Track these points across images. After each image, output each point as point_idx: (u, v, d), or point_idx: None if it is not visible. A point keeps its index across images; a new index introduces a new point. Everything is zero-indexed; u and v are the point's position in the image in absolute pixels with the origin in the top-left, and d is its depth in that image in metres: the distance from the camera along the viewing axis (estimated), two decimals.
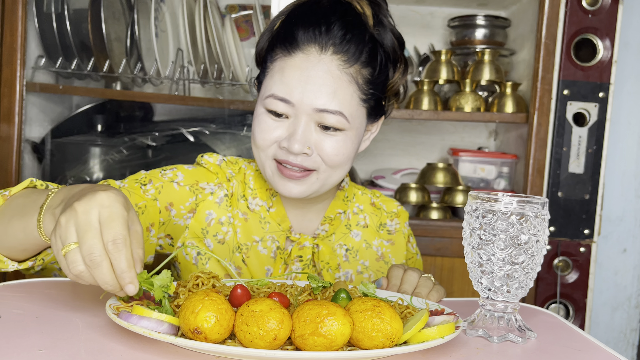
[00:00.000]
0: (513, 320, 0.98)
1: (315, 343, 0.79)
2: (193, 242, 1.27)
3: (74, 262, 0.83)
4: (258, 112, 1.22)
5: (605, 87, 2.07)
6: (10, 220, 1.02)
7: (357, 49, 1.19)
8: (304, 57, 1.18)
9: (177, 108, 2.48)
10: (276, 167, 1.21)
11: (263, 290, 0.98)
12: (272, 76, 1.20)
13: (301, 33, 1.18)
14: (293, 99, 1.17)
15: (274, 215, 1.30)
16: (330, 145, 1.19)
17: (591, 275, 2.13)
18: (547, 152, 2.10)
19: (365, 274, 1.35)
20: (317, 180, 1.22)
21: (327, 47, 1.17)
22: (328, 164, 1.20)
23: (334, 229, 1.34)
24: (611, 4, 2.04)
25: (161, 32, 2.26)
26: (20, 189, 1.07)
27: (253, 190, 1.31)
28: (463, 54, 2.44)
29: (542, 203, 0.96)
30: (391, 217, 1.42)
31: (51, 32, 2.19)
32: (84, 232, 0.83)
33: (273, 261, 1.28)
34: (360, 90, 1.20)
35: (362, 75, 1.20)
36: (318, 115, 1.17)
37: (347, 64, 1.18)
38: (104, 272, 0.82)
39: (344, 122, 1.18)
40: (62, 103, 2.44)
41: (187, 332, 0.81)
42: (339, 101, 1.17)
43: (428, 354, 0.87)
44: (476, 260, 0.97)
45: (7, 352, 0.78)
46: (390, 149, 2.63)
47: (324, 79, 1.17)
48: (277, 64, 1.20)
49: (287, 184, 1.21)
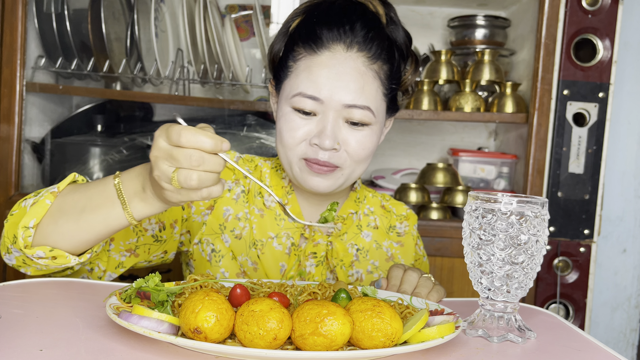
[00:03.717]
0: (513, 320, 0.98)
1: (315, 343, 0.80)
2: (209, 238, 1.30)
3: (185, 178, 0.89)
4: (284, 111, 1.24)
5: (605, 87, 2.07)
6: (81, 214, 1.04)
7: (379, 46, 1.23)
8: (330, 55, 1.21)
9: (177, 108, 2.48)
10: (305, 164, 1.23)
11: (263, 290, 0.98)
12: (298, 75, 1.22)
13: (325, 32, 1.21)
14: (322, 96, 1.19)
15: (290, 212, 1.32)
16: (356, 140, 1.22)
17: (591, 275, 2.13)
18: (547, 152, 2.10)
19: (375, 274, 1.37)
20: (342, 176, 1.25)
21: (352, 45, 1.21)
22: (354, 158, 1.24)
23: (346, 228, 1.36)
24: (611, 4, 2.04)
25: (161, 32, 2.26)
26: (66, 184, 1.09)
27: (269, 187, 1.33)
28: (463, 54, 2.44)
29: (541, 203, 0.96)
30: (400, 219, 1.44)
31: (51, 32, 2.19)
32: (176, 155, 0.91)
33: (287, 257, 1.30)
34: (382, 86, 1.24)
35: (384, 71, 1.25)
36: (346, 111, 1.20)
37: (371, 60, 1.22)
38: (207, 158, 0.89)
39: (371, 117, 1.22)
40: (62, 103, 2.44)
41: (187, 332, 0.81)
42: (366, 96, 1.21)
43: (428, 353, 0.87)
44: (476, 260, 0.97)
45: (7, 352, 0.78)
46: (390, 149, 2.63)
47: (351, 75, 1.20)
48: (301, 62, 1.23)
49: (314, 178, 1.23)
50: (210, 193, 0.93)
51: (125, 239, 1.20)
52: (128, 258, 1.21)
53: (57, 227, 1.05)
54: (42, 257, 1.05)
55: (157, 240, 1.25)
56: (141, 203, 1.01)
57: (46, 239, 1.05)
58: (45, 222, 1.05)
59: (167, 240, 1.26)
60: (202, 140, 0.90)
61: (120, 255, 1.20)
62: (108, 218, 1.03)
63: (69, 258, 1.06)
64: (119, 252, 1.20)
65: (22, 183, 2.18)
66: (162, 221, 1.25)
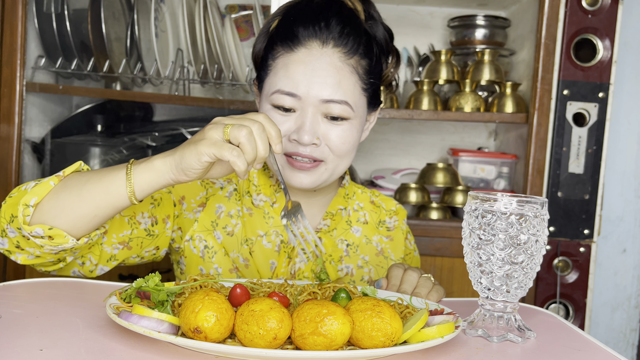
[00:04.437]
0: (512, 320, 0.98)
1: (315, 342, 0.80)
2: (201, 235, 1.31)
3: (238, 127, 0.97)
4: (264, 109, 1.27)
5: (605, 87, 2.07)
6: (84, 185, 1.05)
7: (355, 41, 1.25)
8: (306, 51, 1.23)
9: (177, 108, 2.48)
10: (286, 161, 1.25)
11: (263, 290, 0.98)
12: (276, 73, 1.25)
13: (301, 29, 1.24)
14: (299, 92, 1.21)
15: (278, 210, 1.34)
16: (336, 135, 1.24)
17: (591, 275, 2.13)
18: (547, 152, 2.10)
19: (366, 269, 1.38)
20: (325, 171, 1.27)
21: (327, 41, 1.23)
22: (335, 153, 1.25)
23: (335, 224, 1.37)
24: (611, 4, 2.04)
25: (161, 32, 2.26)
26: (72, 169, 1.11)
27: (257, 187, 1.35)
28: (463, 54, 2.44)
29: (541, 203, 0.96)
30: (390, 214, 1.46)
31: (51, 32, 2.19)
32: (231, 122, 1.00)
33: (277, 255, 1.31)
34: (361, 80, 1.26)
35: (362, 66, 1.26)
36: (324, 106, 1.22)
37: (348, 55, 1.24)
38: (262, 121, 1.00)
39: (349, 111, 1.23)
40: (62, 103, 2.44)
41: (187, 332, 0.81)
42: (343, 91, 1.22)
43: (428, 353, 0.87)
44: (475, 260, 0.97)
45: (7, 352, 0.78)
46: (390, 149, 2.63)
47: (327, 71, 1.22)
48: (279, 60, 1.25)
49: (298, 174, 1.25)
50: (239, 156, 0.97)
51: (118, 232, 1.20)
52: (121, 251, 1.22)
53: (58, 200, 1.05)
54: (39, 237, 1.04)
55: (150, 234, 1.25)
56: (146, 171, 1.03)
57: (46, 215, 1.05)
58: (47, 199, 1.05)
59: (160, 235, 1.27)
60: (272, 127, 1.01)
61: (112, 248, 1.21)
62: (110, 186, 1.04)
63: (67, 237, 1.06)
64: (111, 245, 1.20)
65: (22, 183, 2.18)
66: (155, 216, 1.26)
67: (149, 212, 1.25)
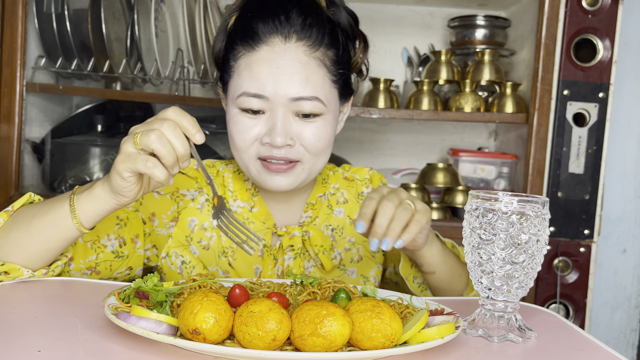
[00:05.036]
0: (513, 320, 0.98)
1: (315, 344, 0.79)
2: (177, 251, 1.27)
3: (146, 132, 0.93)
4: (232, 113, 1.20)
5: (605, 87, 2.07)
6: (32, 220, 1.04)
7: (319, 32, 1.18)
8: (268, 49, 1.16)
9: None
10: (261, 165, 1.20)
11: (262, 290, 0.98)
12: (240, 74, 1.18)
13: (261, 25, 1.17)
14: (266, 93, 1.15)
15: (257, 214, 1.29)
16: (310, 133, 1.18)
17: (591, 275, 2.13)
18: (547, 152, 2.10)
19: (354, 250, 1.35)
20: (303, 171, 1.22)
21: (290, 36, 1.17)
22: (311, 151, 1.20)
23: (316, 212, 1.33)
24: (611, 4, 2.04)
25: (161, 32, 2.26)
26: (22, 203, 1.09)
27: (233, 192, 1.30)
28: (463, 54, 2.44)
29: (542, 202, 0.96)
30: (365, 184, 1.41)
31: (51, 32, 2.19)
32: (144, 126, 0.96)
33: (261, 259, 1.28)
34: (329, 72, 1.20)
35: (329, 57, 1.20)
36: (294, 104, 1.16)
37: (313, 48, 1.18)
38: (171, 125, 0.94)
39: (321, 107, 1.18)
40: (62, 103, 2.43)
41: (186, 333, 0.80)
42: (312, 87, 1.17)
43: (428, 353, 0.87)
44: (476, 259, 0.97)
45: (5, 353, 0.78)
46: (390, 149, 2.63)
47: (293, 67, 1.16)
48: (242, 60, 1.18)
49: (274, 178, 1.20)
50: (155, 166, 0.93)
51: (84, 257, 1.18)
52: (89, 276, 1.19)
53: (8, 238, 1.04)
54: None
55: (118, 256, 1.22)
56: (88, 201, 1.01)
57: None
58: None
59: (130, 256, 1.23)
60: (184, 118, 0.94)
61: (81, 274, 1.18)
62: (56, 220, 1.02)
63: (22, 270, 1.05)
64: (79, 271, 1.18)
65: (22, 183, 2.18)
66: (122, 236, 1.22)
67: (115, 233, 1.21)
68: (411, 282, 1.29)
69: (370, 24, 2.50)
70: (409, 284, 1.29)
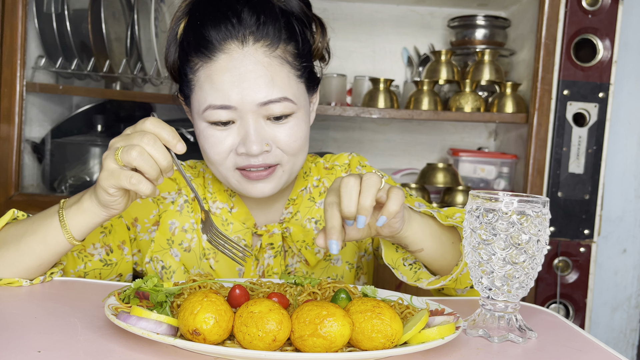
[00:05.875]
0: (513, 320, 0.98)
1: (315, 344, 0.79)
2: (158, 256, 1.26)
3: (127, 149, 0.92)
4: (200, 128, 1.15)
5: (605, 87, 2.07)
6: (22, 238, 1.04)
7: (275, 28, 1.13)
8: (226, 57, 1.11)
9: (177, 108, 2.48)
10: (241, 175, 1.16)
11: (262, 291, 0.98)
12: (201, 87, 1.13)
13: (214, 33, 1.11)
14: (233, 102, 1.10)
15: (237, 215, 1.27)
16: (285, 134, 1.14)
17: (591, 275, 2.13)
18: (547, 152, 2.10)
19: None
20: (284, 173, 1.18)
21: (246, 39, 1.11)
22: (289, 153, 1.16)
23: (297, 207, 1.30)
24: (611, 4, 2.04)
25: (161, 32, 2.26)
26: (6, 221, 1.09)
27: (213, 194, 1.28)
28: (463, 54, 2.44)
29: (543, 202, 0.96)
30: (345, 169, 1.36)
31: (51, 32, 2.19)
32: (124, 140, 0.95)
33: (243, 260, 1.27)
34: (293, 68, 1.15)
35: (289, 52, 1.15)
36: (264, 109, 1.12)
37: (272, 47, 1.12)
38: (150, 138, 0.93)
39: (292, 106, 1.14)
40: (62, 103, 2.43)
41: (186, 333, 0.80)
42: (279, 87, 1.12)
43: (428, 354, 0.87)
44: (476, 259, 0.97)
45: (5, 353, 0.78)
46: (390, 149, 2.63)
47: (256, 72, 1.11)
48: (200, 73, 1.13)
49: (256, 185, 1.16)
50: (139, 182, 0.93)
51: (73, 267, 1.18)
52: None
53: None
54: None
55: (107, 264, 1.21)
56: (78, 215, 1.01)
57: None
58: None
59: (119, 263, 1.23)
60: (163, 129, 0.94)
61: None
62: (47, 236, 1.03)
63: (20, 281, 1.06)
64: None
65: (22, 183, 2.18)
66: (108, 244, 1.21)
67: (100, 242, 1.21)
68: (402, 268, 1.17)
69: (370, 24, 2.50)
70: (401, 272, 1.17)
